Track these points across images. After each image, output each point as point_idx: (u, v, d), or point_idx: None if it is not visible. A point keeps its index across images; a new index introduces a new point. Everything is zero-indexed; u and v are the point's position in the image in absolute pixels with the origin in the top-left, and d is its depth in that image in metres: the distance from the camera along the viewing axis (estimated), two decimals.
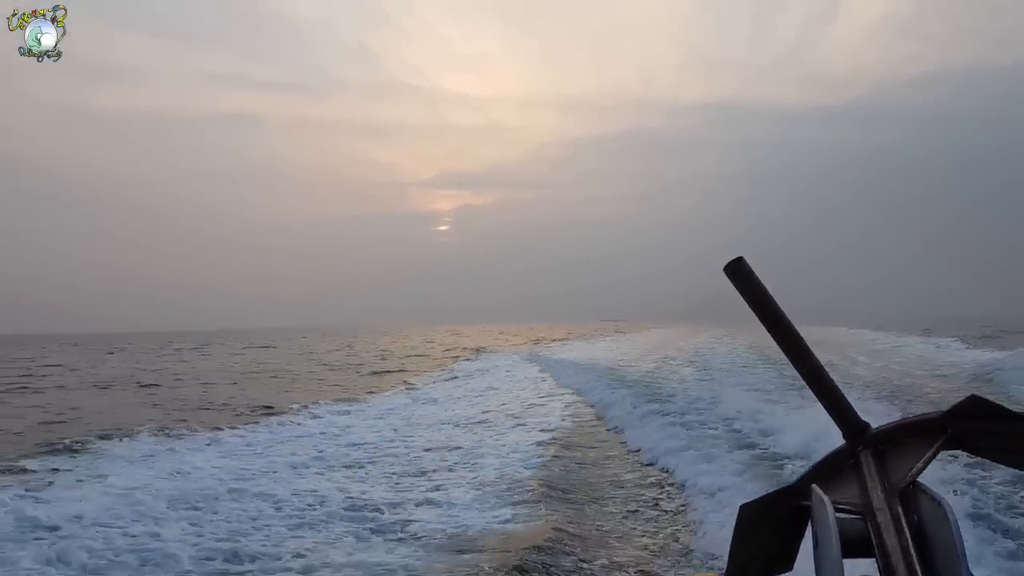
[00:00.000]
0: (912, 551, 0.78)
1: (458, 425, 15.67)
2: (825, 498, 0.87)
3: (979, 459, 0.93)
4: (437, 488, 9.69)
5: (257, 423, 16.09)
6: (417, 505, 8.81)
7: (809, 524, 0.92)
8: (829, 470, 0.96)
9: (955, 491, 7.11)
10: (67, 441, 13.39)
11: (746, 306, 1.00)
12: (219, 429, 15.07)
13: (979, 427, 0.87)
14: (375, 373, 32.80)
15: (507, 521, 7.88)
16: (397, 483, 10.12)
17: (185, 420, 16.77)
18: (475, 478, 10.20)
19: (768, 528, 0.99)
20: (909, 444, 0.91)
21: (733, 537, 1.00)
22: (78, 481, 10.30)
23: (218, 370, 36.24)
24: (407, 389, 24.62)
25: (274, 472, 10.79)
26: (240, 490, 9.43)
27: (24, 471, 11.18)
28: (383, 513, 8.43)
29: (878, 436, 0.93)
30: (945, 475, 7.56)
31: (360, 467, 11.29)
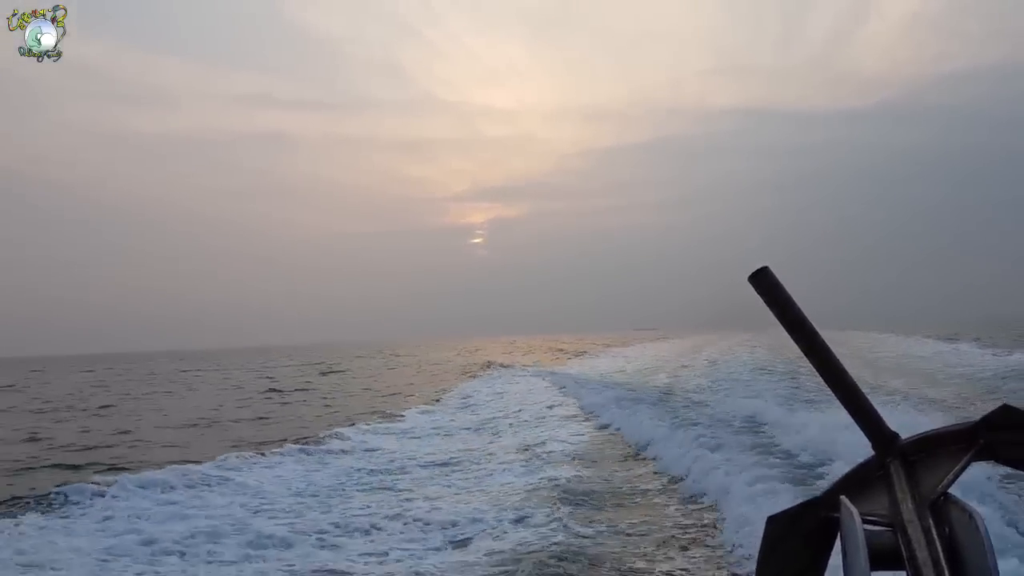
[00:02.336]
0: (943, 564, 0.78)
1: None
2: (854, 510, 0.87)
3: (1012, 470, 0.93)
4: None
5: None
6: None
7: (838, 536, 0.93)
8: (858, 481, 0.97)
9: (986, 502, 7.05)
10: None
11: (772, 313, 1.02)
12: None
13: (1011, 437, 0.87)
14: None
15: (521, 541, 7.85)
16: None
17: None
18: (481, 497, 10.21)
19: (796, 541, 1.00)
20: (939, 455, 0.91)
21: (760, 550, 1.01)
22: None
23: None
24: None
25: None
26: None
27: None
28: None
29: (908, 447, 0.94)
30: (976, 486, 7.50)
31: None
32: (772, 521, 1.01)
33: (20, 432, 20.91)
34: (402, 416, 20.11)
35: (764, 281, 1.00)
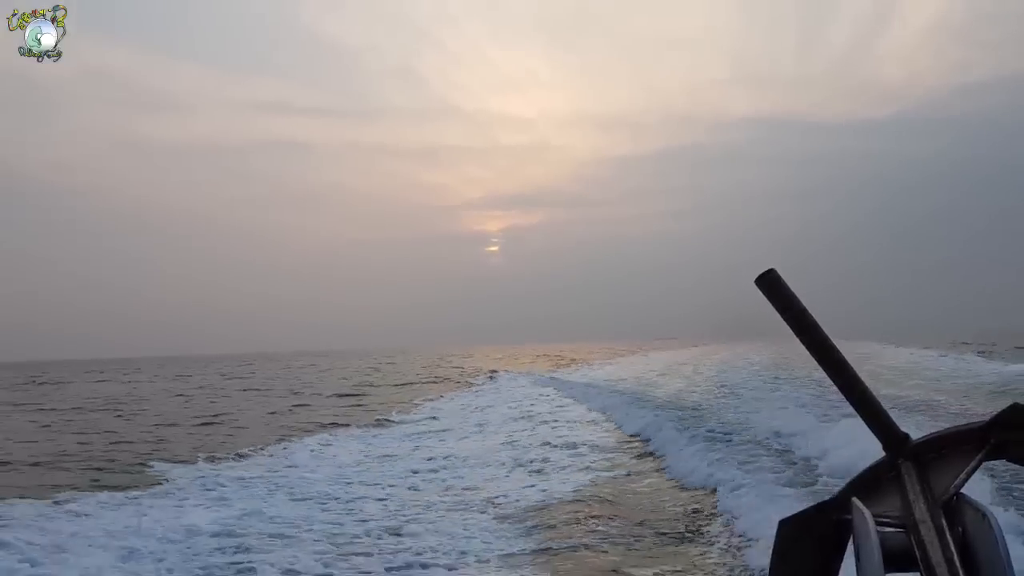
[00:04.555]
0: (957, 564, 0.79)
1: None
2: (866, 512, 0.88)
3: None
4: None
5: None
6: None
7: (851, 539, 0.94)
8: (869, 483, 0.98)
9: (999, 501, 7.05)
10: None
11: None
12: None
13: (1022, 436, 0.88)
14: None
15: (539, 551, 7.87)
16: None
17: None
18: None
19: (809, 543, 1.00)
20: (951, 455, 0.92)
21: (773, 554, 1.01)
22: None
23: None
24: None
25: None
26: None
27: None
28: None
29: (919, 447, 0.95)
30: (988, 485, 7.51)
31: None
32: (784, 524, 1.01)
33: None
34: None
35: (771, 283, 1.00)
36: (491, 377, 41.31)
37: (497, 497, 10.32)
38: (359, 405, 27.52)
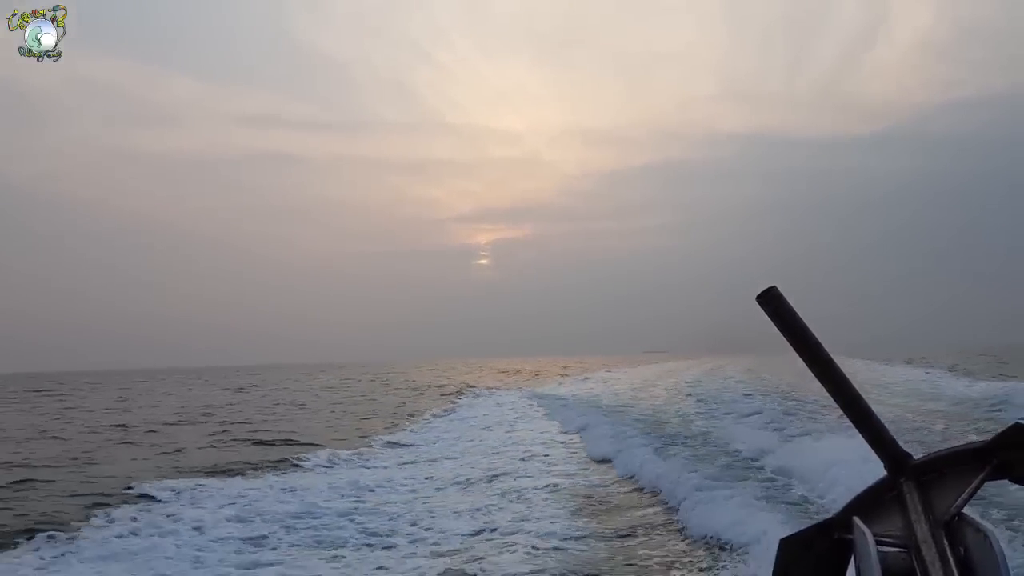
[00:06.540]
0: None
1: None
2: (867, 531, 0.88)
3: None
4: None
5: None
6: None
7: (852, 558, 0.94)
8: (871, 502, 0.98)
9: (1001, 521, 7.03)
10: None
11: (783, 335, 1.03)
12: None
13: None
14: None
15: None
16: None
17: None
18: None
19: (809, 562, 1.01)
20: (953, 474, 0.92)
21: (774, 572, 1.02)
22: None
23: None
24: None
25: None
26: None
27: None
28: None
29: (920, 466, 0.95)
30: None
31: None
32: (785, 543, 1.01)
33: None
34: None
35: (772, 301, 1.01)
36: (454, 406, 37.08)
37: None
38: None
